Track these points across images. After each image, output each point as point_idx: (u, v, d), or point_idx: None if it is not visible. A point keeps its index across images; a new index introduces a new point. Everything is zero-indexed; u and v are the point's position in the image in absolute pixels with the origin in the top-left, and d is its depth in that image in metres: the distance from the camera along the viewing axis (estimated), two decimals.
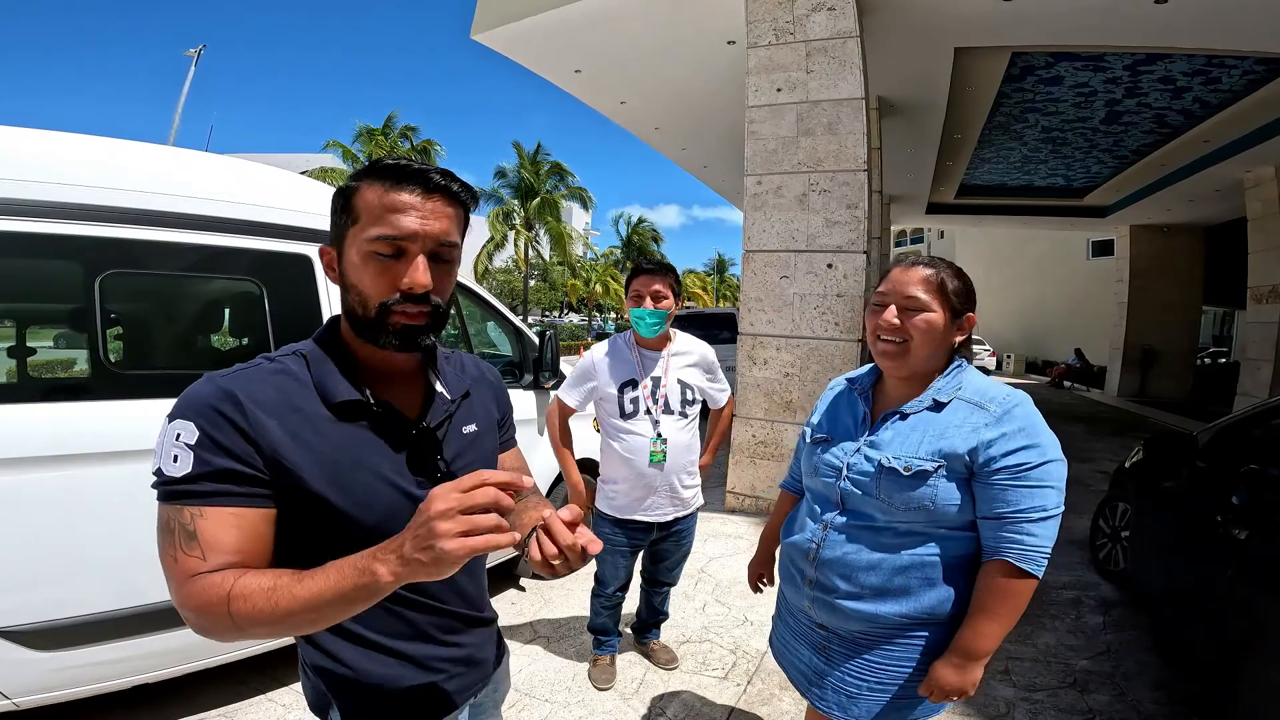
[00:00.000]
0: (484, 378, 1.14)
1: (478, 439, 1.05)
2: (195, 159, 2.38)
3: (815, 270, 4.95)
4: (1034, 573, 1.19)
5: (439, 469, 0.95)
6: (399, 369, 0.97)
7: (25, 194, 1.88)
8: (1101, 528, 4.12)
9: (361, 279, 0.86)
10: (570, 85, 8.79)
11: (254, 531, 0.81)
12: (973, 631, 1.23)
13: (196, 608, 0.76)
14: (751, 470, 5.17)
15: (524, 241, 29.12)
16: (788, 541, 1.51)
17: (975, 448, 1.21)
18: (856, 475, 1.32)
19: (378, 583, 0.71)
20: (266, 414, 0.82)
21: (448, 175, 0.89)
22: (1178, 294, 15.37)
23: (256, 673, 2.50)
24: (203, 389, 0.83)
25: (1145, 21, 5.85)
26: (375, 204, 0.85)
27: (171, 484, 0.80)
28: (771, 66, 5.13)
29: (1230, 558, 2.37)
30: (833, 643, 1.39)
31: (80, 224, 1.96)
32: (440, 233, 0.87)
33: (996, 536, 1.21)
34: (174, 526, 0.80)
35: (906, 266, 1.34)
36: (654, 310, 2.31)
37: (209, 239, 2.20)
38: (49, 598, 1.90)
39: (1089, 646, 3.07)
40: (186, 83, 17.94)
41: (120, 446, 1.97)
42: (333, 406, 0.88)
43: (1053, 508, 1.20)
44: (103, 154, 2.10)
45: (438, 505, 0.68)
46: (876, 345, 1.34)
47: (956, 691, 1.25)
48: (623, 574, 2.57)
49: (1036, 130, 9.64)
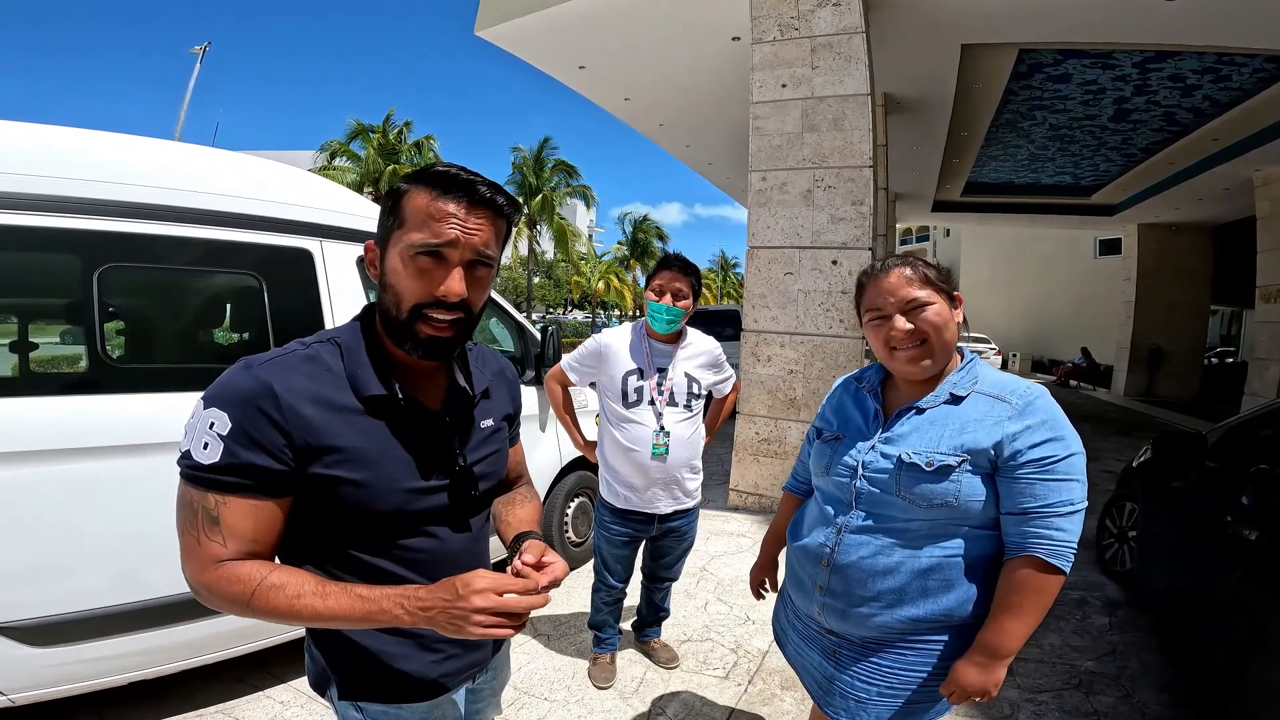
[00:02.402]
0: (502, 373, 1.18)
1: (494, 434, 1.09)
2: (194, 153, 2.36)
3: (820, 267, 4.92)
4: (1063, 568, 1.17)
5: (457, 463, 1.00)
6: (427, 364, 0.99)
7: (21, 188, 1.86)
8: (1108, 528, 4.08)
9: (399, 280, 0.90)
10: (574, 81, 8.77)
11: (270, 522, 0.86)
12: (998, 630, 1.20)
13: (217, 593, 0.82)
14: (755, 468, 5.14)
15: (527, 239, 29.10)
16: (796, 545, 1.46)
17: (1000, 441, 1.19)
18: (873, 473, 1.29)
19: (398, 623, 0.83)
20: (300, 403, 0.86)
21: (494, 188, 0.92)
22: (1185, 293, 15.29)
23: (255, 669, 2.50)
24: (240, 379, 0.85)
25: (1155, 18, 5.80)
26: (421, 209, 0.88)
27: (200, 469, 0.82)
28: (776, 62, 5.10)
29: (1239, 558, 2.34)
30: (843, 648, 1.35)
31: (77, 218, 1.94)
32: (480, 244, 0.90)
33: (1023, 532, 1.18)
34: (198, 508, 0.83)
35: (883, 273, 1.31)
36: (672, 307, 2.31)
37: (208, 233, 2.18)
38: (46, 593, 1.89)
39: (1094, 647, 3.05)
40: (192, 79, 17.99)
41: (119, 441, 1.96)
42: (363, 399, 0.91)
43: (1079, 501, 1.18)
44: (101, 148, 2.09)
45: (479, 601, 0.79)
46: (895, 356, 1.29)
47: (979, 692, 1.21)
48: (624, 565, 2.56)
49: (1044, 128, 9.58)
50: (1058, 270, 22.41)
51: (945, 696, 1.26)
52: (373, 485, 0.89)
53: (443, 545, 0.99)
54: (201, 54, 18.30)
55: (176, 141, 2.42)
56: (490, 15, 7.23)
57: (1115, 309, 16.52)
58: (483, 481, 1.05)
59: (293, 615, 0.82)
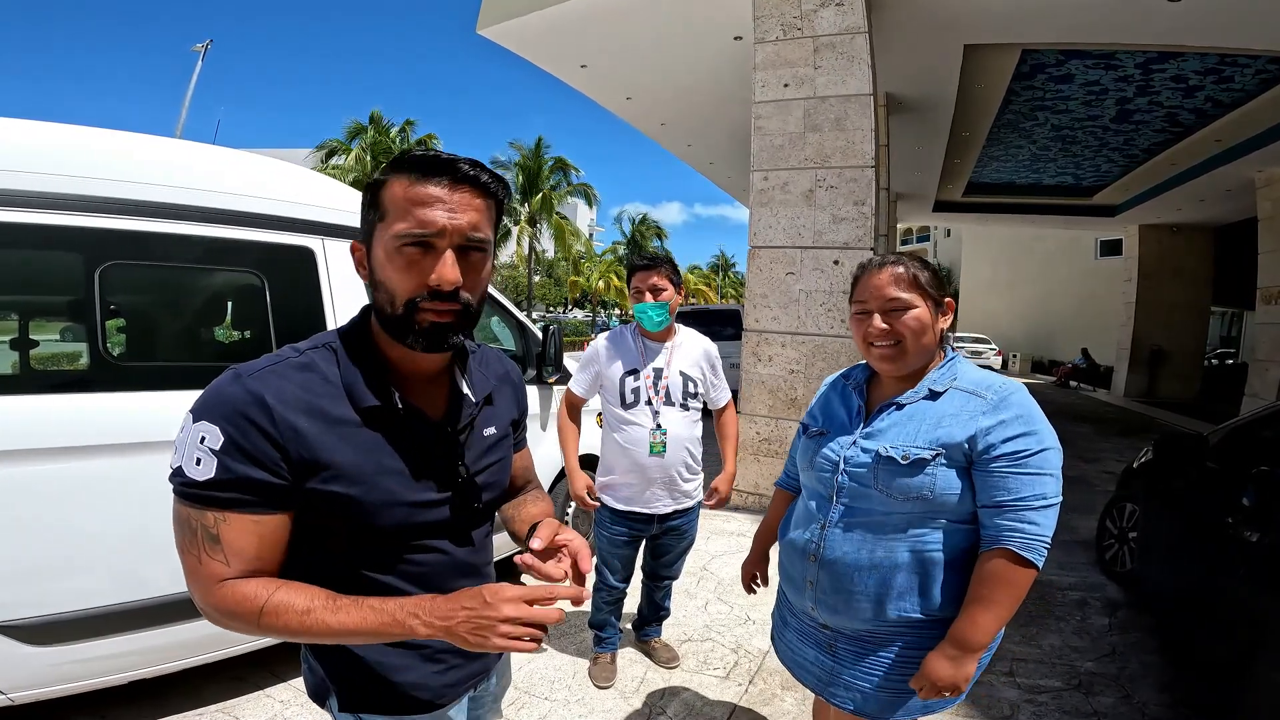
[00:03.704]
0: (508, 377, 1.13)
1: (498, 443, 1.05)
2: (195, 150, 2.36)
3: (822, 266, 4.92)
4: (1035, 562, 1.18)
5: (460, 474, 0.95)
6: (430, 370, 0.95)
7: (22, 185, 1.86)
8: (1108, 528, 4.08)
9: (389, 275, 0.84)
10: (576, 80, 8.76)
11: (274, 537, 0.82)
12: (968, 622, 1.21)
13: (224, 612, 0.79)
14: (755, 467, 5.14)
15: (527, 237, 29.06)
16: (786, 540, 1.50)
17: (974, 435, 1.21)
18: (853, 468, 1.32)
19: (412, 635, 0.79)
20: (294, 415, 0.81)
21: (477, 165, 0.86)
22: (1186, 294, 15.27)
23: (256, 668, 2.50)
24: (230, 389, 0.80)
25: (1159, 19, 5.78)
26: (401, 198, 0.83)
27: (194, 486, 0.78)
28: (779, 62, 5.09)
29: (1241, 560, 2.34)
30: (839, 641, 1.38)
31: (78, 215, 1.94)
32: (468, 226, 0.84)
33: (997, 525, 1.20)
34: (195, 526, 0.79)
35: (875, 270, 1.35)
36: (655, 304, 2.34)
37: (209, 231, 2.18)
38: (46, 592, 1.88)
39: (1094, 648, 3.05)
40: (194, 77, 17.97)
41: (119, 439, 1.96)
42: (360, 410, 0.86)
43: (1053, 495, 1.20)
44: (102, 145, 2.08)
45: (508, 611, 0.77)
46: (871, 352, 1.35)
47: (949, 686, 1.22)
48: (625, 565, 2.56)
49: (1046, 128, 9.56)
50: (1058, 271, 22.39)
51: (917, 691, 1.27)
52: (372, 501, 0.85)
53: (444, 559, 0.95)
54: (203, 52, 18.29)
55: (178, 139, 2.41)
56: (492, 13, 7.22)
57: (1116, 310, 16.50)
58: (485, 492, 1.01)
59: (304, 632, 0.78)
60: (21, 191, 1.86)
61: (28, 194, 1.86)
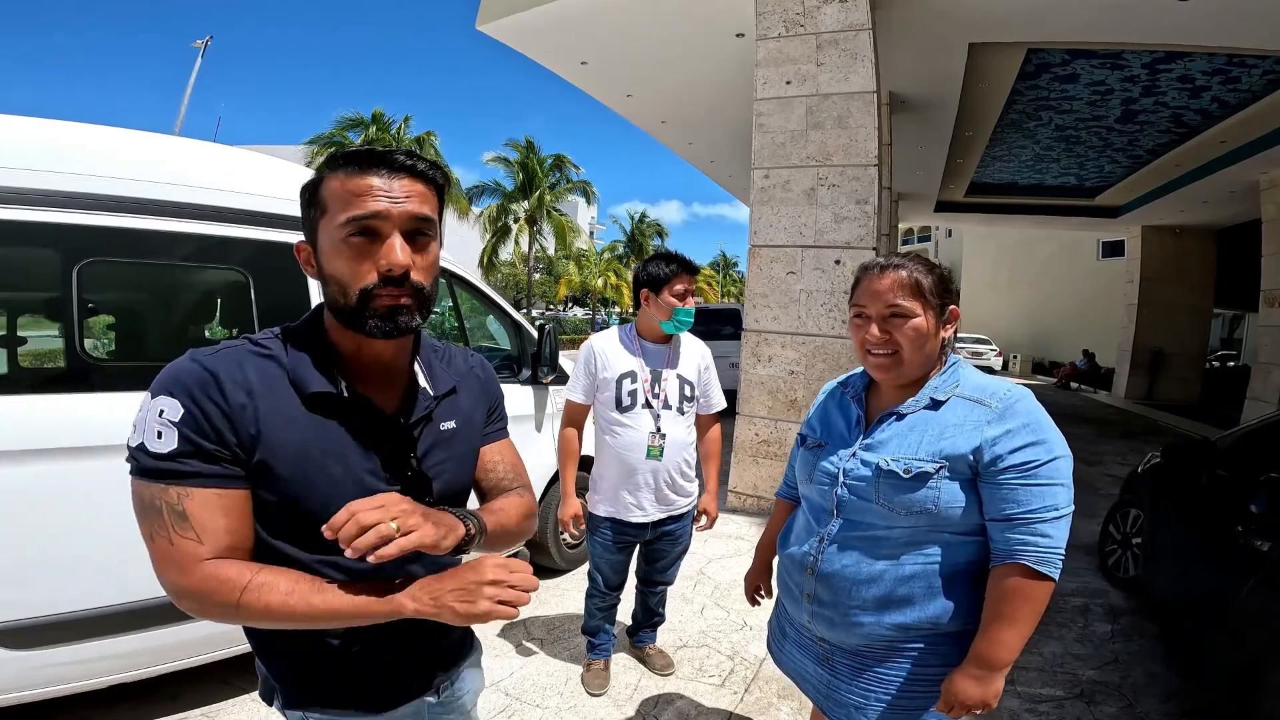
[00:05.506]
0: (472, 372, 1.11)
1: (455, 436, 1.02)
2: (177, 146, 2.30)
3: (823, 266, 4.86)
4: (1051, 575, 1.14)
5: (410, 466, 0.94)
6: (383, 362, 0.94)
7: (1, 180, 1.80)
8: (1112, 533, 4.03)
9: (338, 267, 0.84)
10: (576, 78, 8.71)
11: (240, 512, 0.83)
12: (991, 640, 1.17)
13: (203, 595, 0.78)
14: (754, 469, 5.09)
15: (526, 235, 28.94)
16: (785, 554, 1.46)
17: (979, 446, 1.16)
18: (853, 481, 1.27)
19: (400, 613, 0.82)
20: (246, 396, 0.82)
21: (412, 155, 0.87)
22: (1189, 296, 15.22)
23: (239, 673, 2.44)
24: (186, 366, 0.82)
25: (1166, 19, 5.72)
26: (341, 190, 0.83)
27: (156, 459, 0.79)
28: (781, 59, 5.03)
29: (1250, 567, 2.29)
30: (835, 655, 1.34)
31: (58, 211, 1.88)
32: (413, 210, 0.85)
33: (1008, 539, 1.15)
34: (160, 505, 0.79)
35: (877, 273, 1.29)
36: (690, 309, 2.33)
37: (192, 227, 2.12)
38: (28, 595, 1.84)
39: (1097, 656, 3.00)
40: (193, 74, 17.95)
41: (100, 441, 1.90)
42: (306, 397, 0.86)
43: (1064, 506, 1.15)
44: (80, 140, 2.03)
45: (492, 574, 0.81)
46: (868, 359, 1.30)
47: (978, 705, 1.19)
48: (617, 571, 2.51)
49: (1050, 128, 9.50)
50: (1059, 272, 22.33)
51: (945, 714, 1.23)
52: (317, 487, 0.85)
53: None
54: (203, 48, 18.25)
55: (175, 136, 2.36)
56: (492, 9, 7.16)
57: (1117, 311, 16.44)
58: (438, 483, 0.98)
59: (283, 612, 0.78)
60: None
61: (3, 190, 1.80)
